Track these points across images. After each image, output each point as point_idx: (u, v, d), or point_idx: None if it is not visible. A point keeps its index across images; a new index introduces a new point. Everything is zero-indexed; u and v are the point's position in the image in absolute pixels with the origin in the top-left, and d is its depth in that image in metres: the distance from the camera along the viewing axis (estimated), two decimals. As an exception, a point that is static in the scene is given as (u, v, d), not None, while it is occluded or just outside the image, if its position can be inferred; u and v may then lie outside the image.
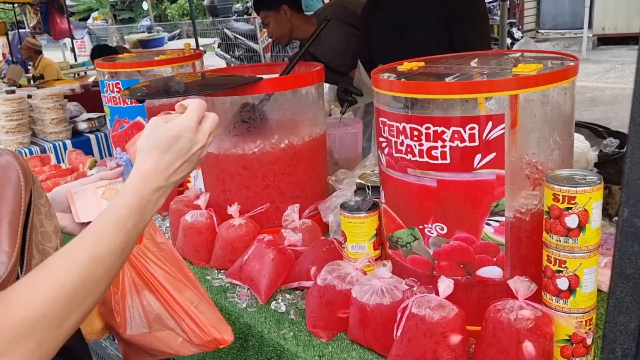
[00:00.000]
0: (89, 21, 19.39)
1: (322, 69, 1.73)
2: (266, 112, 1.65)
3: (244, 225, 1.63)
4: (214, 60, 9.85)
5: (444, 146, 1.07)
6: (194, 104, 0.94)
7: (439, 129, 1.07)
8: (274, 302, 1.43)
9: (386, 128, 1.17)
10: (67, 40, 9.75)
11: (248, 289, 1.49)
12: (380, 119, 1.19)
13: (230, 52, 9.39)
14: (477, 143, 1.05)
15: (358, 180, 1.52)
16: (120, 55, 2.38)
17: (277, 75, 1.79)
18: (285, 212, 1.66)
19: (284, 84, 1.62)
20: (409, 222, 1.19)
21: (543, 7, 12.15)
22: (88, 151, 3.30)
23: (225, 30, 9.23)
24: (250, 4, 11.20)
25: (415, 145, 1.11)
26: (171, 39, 10.10)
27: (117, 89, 2.12)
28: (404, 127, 1.12)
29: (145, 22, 12.20)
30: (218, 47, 9.58)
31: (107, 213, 0.84)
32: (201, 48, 7.95)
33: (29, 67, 7.81)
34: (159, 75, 2.11)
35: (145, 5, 15.16)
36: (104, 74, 2.16)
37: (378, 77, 1.17)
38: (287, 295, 1.45)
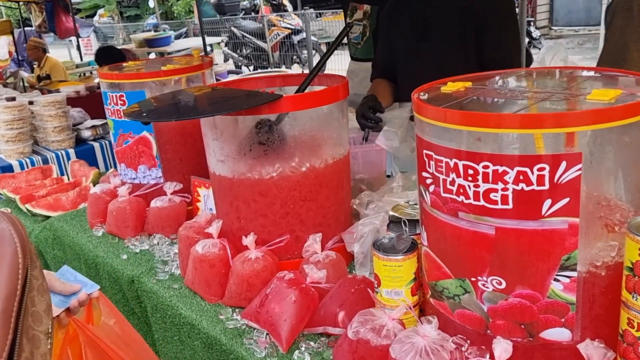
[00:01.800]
0: (95, 18, 19.27)
1: (346, 83, 1.56)
2: (285, 132, 1.49)
3: (260, 258, 1.46)
4: (221, 59, 9.68)
5: (505, 189, 0.90)
6: None
7: (500, 169, 0.90)
8: (297, 352, 1.26)
9: (432, 163, 1.00)
10: (73, 37, 9.62)
11: (267, 334, 1.33)
12: (425, 151, 1.02)
13: (238, 51, 9.20)
14: (546, 187, 0.88)
15: (391, 213, 1.35)
16: (124, 64, 2.22)
17: (295, 88, 1.63)
18: (307, 242, 1.49)
19: (307, 102, 1.45)
20: (458, 272, 1.02)
21: (557, 3, 11.89)
22: (92, 160, 3.15)
23: (232, 28, 9.04)
24: (257, 1, 11.03)
25: (469, 186, 0.94)
26: (177, 37, 9.91)
27: (122, 102, 1.95)
28: (455, 164, 0.95)
29: (152, 20, 11.97)
30: (225, 45, 9.40)
31: None
32: (209, 49, 7.80)
33: (34, 66, 7.68)
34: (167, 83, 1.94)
35: (151, 3, 14.99)
36: (107, 84, 2.00)
37: (423, 104, 1.00)
38: (312, 343, 1.29)
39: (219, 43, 9.86)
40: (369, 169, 1.87)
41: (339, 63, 7.50)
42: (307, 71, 8.39)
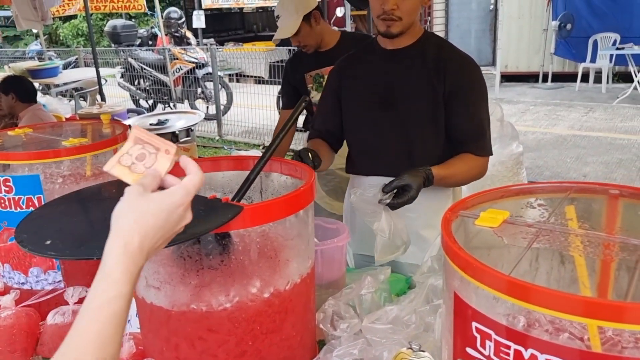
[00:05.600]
0: (-34, 38, 17.39)
1: (314, 180, 1.25)
2: (243, 249, 1.15)
3: (213, 421, 1.10)
4: (116, 91, 8.95)
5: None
6: (195, 179, 0.81)
7: (607, 374, 0.63)
8: None
9: (490, 345, 0.72)
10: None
11: None
12: (476, 325, 0.74)
13: (135, 83, 8.55)
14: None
15: (394, 366, 1.05)
16: (9, 132, 1.75)
17: (246, 173, 1.30)
18: (270, 388, 1.16)
19: (274, 212, 1.12)
20: None
21: (450, 43, 12.50)
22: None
23: (129, 59, 8.40)
24: (155, 30, 10.42)
25: (555, 390, 0.67)
26: (66, 66, 9.04)
27: (7, 188, 1.50)
28: (532, 356, 0.67)
29: (35, 46, 10.79)
30: (121, 77, 8.71)
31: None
32: (103, 81, 7.14)
33: None
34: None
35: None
36: (-14, 164, 1.53)
37: (476, 264, 0.72)
38: None
39: (114, 75, 9.11)
40: (329, 268, 1.57)
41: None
42: (212, 107, 7.94)
